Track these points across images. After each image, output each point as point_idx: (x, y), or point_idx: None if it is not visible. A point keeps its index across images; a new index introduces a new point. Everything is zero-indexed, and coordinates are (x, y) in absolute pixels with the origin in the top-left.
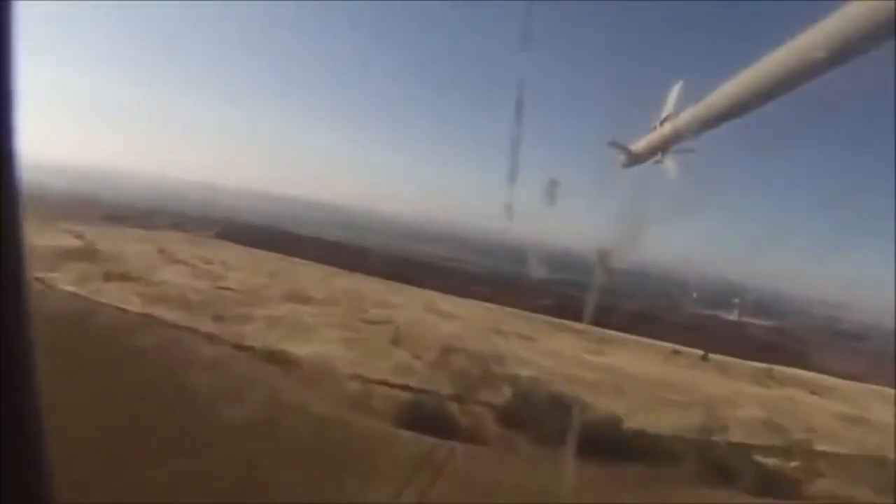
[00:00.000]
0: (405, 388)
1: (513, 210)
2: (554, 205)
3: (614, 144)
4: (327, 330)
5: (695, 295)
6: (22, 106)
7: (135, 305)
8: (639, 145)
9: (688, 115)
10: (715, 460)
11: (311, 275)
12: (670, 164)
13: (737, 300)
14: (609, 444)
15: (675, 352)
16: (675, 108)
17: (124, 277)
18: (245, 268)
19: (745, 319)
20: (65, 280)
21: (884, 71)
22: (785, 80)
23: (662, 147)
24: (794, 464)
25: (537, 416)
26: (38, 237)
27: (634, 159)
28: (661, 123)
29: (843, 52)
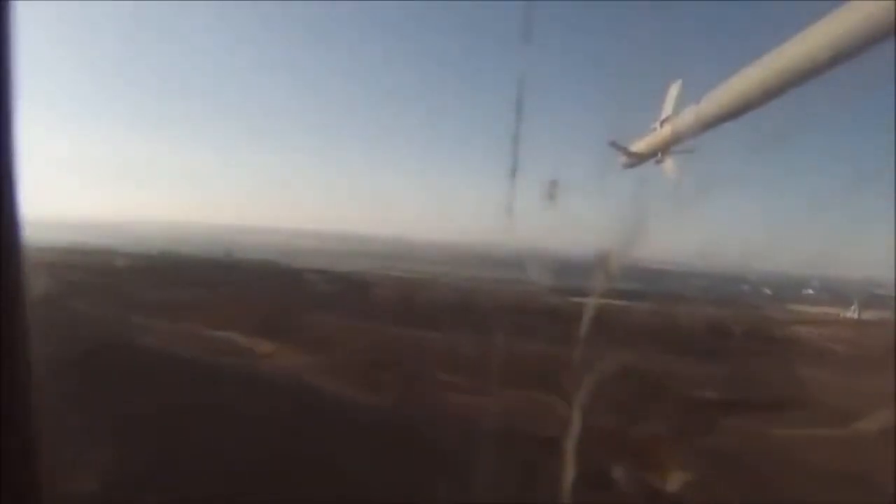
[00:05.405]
0: None
1: (512, 211)
2: (554, 205)
3: (614, 145)
4: None
5: (768, 291)
6: None
7: None
8: (639, 146)
9: (687, 115)
10: None
11: None
12: (670, 163)
13: (810, 291)
14: None
15: None
16: (675, 109)
17: None
18: None
19: (866, 316)
20: None
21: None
22: (785, 80)
23: (662, 147)
24: None
25: None
26: None
27: (635, 159)
28: (661, 124)
29: (844, 52)
